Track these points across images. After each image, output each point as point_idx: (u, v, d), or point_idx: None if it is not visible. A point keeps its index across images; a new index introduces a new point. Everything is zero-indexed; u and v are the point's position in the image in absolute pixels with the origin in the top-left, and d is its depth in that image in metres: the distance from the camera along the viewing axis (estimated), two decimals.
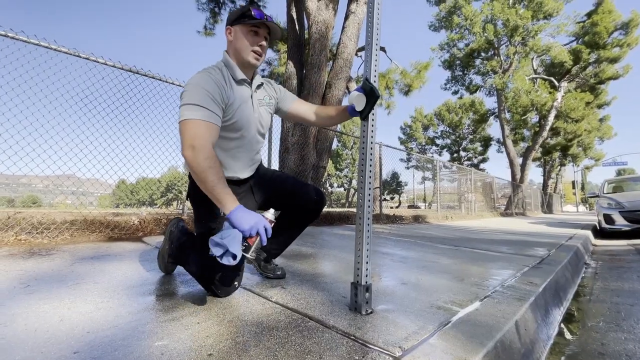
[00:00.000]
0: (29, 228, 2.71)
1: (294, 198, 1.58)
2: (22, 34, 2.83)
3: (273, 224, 1.22)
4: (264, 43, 1.40)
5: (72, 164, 3.11)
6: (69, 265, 1.91)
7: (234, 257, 1.07)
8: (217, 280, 1.30)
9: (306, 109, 1.63)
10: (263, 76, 1.67)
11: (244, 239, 1.13)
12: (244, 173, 1.51)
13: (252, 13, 1.33)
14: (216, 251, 1.08)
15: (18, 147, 2.76)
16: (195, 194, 1.38)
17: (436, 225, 6.63)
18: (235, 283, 1.37)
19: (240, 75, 1.38)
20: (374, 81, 1.29)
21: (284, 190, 1.60)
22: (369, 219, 1.26)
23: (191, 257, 1.39)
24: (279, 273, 1.71)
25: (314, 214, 1.63)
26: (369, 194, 1.26)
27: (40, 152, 2.89)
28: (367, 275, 1.22)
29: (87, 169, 3.30)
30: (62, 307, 1.22)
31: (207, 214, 1.42)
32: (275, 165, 5.92)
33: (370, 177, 1.25)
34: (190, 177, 1.49)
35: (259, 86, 1.51)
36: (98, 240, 2.87)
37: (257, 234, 1.13)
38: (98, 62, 3.18)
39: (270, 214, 1.25)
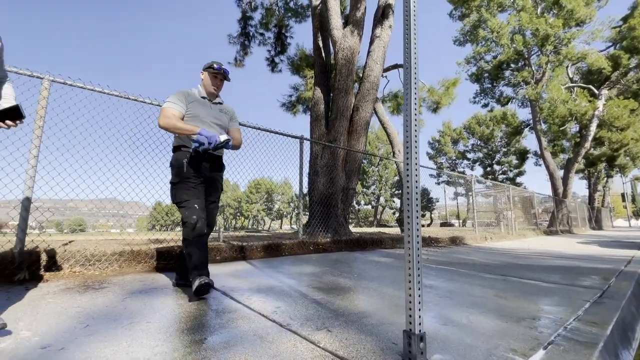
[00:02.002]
0: (82, 260, 2.88)
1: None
2: (79, 81, 3.14)
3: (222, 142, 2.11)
4: (219, 83, 2.42)
5: (114, 189, 3.35)
6: (120, 300, 2.00)
7: (205, 144, 2.04)
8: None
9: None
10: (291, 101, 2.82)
11: (209, 143, 2.06)
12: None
13: (215, 67, 2.36)
14: (194, 145, 2.07)
15: (66, 174, 3.03)
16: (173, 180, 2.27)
17: (476, 248, 6.30)
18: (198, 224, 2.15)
19: (202, 94, 2.39)
20: (414, 101, 1.29)
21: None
22: (418, 262, 1.23)
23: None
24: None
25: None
26: (417, 240, 1.22)
27: (86, 177, 3.14)
28: (420, 324, 1.17)
29: (127, 193, 3.51)
30: (121, 351, 1.27)
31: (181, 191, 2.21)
32: (304, 188, 5.97)
33: (418, 224, 1.23)
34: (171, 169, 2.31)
35: (219, 103, 2.49)
36: (144, 271, 3.00)
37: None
38: (145, 102, 3.44)
39: (223, 136, 2.11)
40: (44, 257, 2.77)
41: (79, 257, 2.91)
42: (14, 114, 1.40)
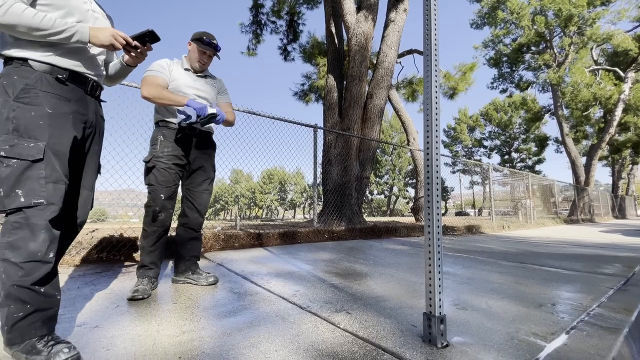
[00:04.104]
0: (109, 247, 3.01)
1: (189, 201, 2.11)
2: None
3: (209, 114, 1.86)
4: (206, 60, 2.11)
5: (136, 178, 3.48)
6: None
7: (193, 117, 1.83)
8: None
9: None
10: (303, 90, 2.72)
11: (197, 116, 1.85)
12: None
13: (204, 40, 2.03)
14: (180, 117, 1.87)
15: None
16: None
17: (493, 236, 6.21)
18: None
19: (186, 66, 2.09)
20: (435, 89, 1.28)
21: (192, 189, 2.11)
22: (439, 246, 1.23)
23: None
24: (211, 280, 2.07)
25: (193, 224, 2.11)
26: (438, 224, 1.22)
27: (109, 167, 3.25)
28: (440, 306, 1.18)
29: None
30: (151, 329, 1.33)
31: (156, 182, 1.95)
32: (318, 177, 5.99)
33: (438, 208, 1.22)
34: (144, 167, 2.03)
35: (205, 76, 2.17)
36: (165, 257, 3.10)
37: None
38: None
39: (213, 108, 1.87)
40: (73, 244, 2.90)
41: (105, 243, 3.04)
42: (152, 38, 1.34)
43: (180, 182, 2.10)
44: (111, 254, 2.94)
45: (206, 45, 2.03)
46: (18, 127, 1.07)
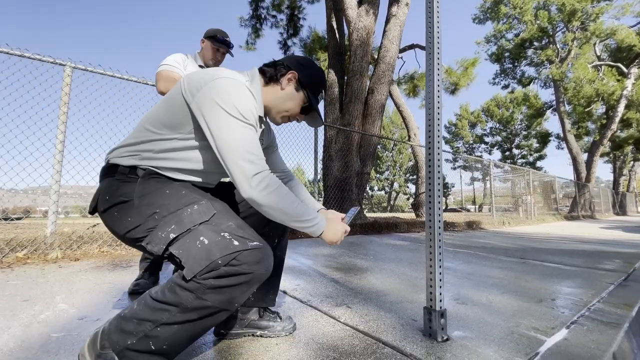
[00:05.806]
0: (110, 241, 3.02)
1: None
2: (99, 68, 3.22)
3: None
4: (220, 58, 2.12)
5: None
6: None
7: None
8: None
9: None
10: None
11: None
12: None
13: (218, 38, 2.06)
14: None
15: (91, 159, 3.18)
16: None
17: (493, 232, 6.22)
18: None
19: (200, 62, 2.08)
20: (438, 84, 1.27)
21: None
22: (440, 240, 1.22)
23: None
24: None
25: None
26: (439, 219, 1.22)
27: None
28: (441, 301, 1.18)
29: None
30: None
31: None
32: (319, 173, 5.98)
33: (439, 202, 1.22)
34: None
35: None
36: None
37: None
38: None
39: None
40: (74, 238, 2.91)
41: (106, 237, 3.05)
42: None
43: None
44: (112, 248, 2.95)
45: (220, 43, 2.07)
46: None
